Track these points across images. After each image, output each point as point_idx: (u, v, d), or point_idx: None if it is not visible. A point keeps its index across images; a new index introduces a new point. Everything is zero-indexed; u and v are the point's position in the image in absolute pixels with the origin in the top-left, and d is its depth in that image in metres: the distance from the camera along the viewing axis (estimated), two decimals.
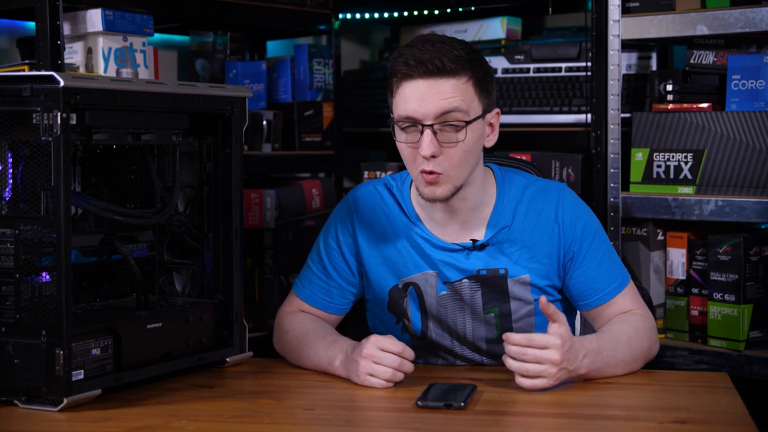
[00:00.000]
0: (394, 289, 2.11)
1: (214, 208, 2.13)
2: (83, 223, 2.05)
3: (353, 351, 1.93)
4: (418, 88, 1.93)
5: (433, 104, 1.92)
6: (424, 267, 2.08)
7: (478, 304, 2.07)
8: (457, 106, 1.92)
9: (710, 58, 2.78)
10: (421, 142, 1.93)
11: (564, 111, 3.00)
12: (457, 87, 1.93)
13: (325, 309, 2.15)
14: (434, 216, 2.07)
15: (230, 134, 2.10)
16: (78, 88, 1.75)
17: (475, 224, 2.06)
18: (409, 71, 1.93)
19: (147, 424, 1.71)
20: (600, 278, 2.06)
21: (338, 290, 2.15)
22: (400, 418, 1.75)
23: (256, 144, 3.07)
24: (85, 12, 2.61)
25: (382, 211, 2.12)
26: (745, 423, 1.67)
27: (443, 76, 1.92)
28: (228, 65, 3.13)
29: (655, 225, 2.83)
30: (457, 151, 1.94)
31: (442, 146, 1.93)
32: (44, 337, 1.75)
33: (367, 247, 2.12)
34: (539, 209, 2.07)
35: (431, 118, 1.92)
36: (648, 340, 2.02)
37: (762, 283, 2.67)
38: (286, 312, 2.17)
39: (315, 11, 3.14)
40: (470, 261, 2.05)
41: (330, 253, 2.15)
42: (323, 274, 2.15)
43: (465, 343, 2.11)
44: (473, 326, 2.09)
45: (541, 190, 2.09)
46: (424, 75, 1.92)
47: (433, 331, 2.11)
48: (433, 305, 2.08)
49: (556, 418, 1.76)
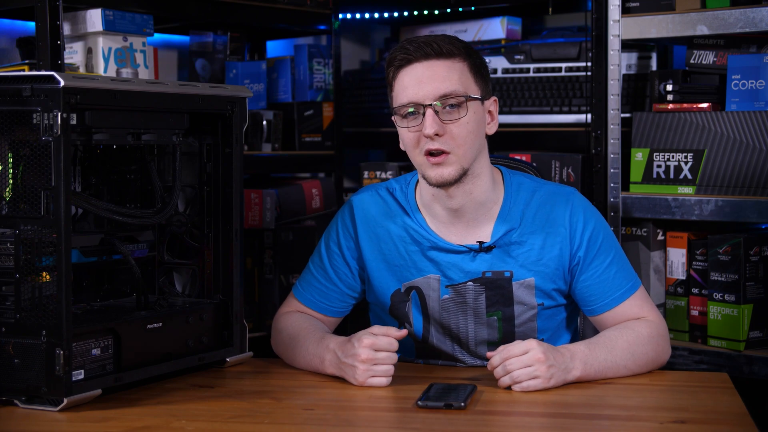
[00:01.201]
0: (396, 294, 2.11)
1: (214, 208, 2.13)
2: (83, 223, 2.05)
3: (344, 353, 1.93)
4: (416, 73, 1.97)
5: (431, 85, 1.96)
6: (426, 271, 2.08)
7: (482, 307, 2.07)
8: (455, 87, 1.96)
9: (710, 58, 2.78)
10: (424, 122, 1.95)
11: (564, 111, 3.00)
12: (453, 68, 1.97)
13: (323, 312, 2.16)
14: (440, 216, 2.07)
15: (230, 134, 2.10)
16: (78, 88, 1.75)
17: (482, 223, 2.06)
18: (406, 56, 1.97)
19: (147, 424, 1.71)
20: (606, 284, 2.05)
21: (337, 294, 2.15)
22: (400, 418, 1.75)
23: (256, 144, 3.07)
24: (85, 12, 2.61)
25: (385, 215, 2.12)
26: (745, 423, 1.67)
27: (439, 58, 1.97)
28: (228, 65, 3.13)
29: (655, 225, 2.83)
30: (460, 129, 1.96)
31: (444, 124, 1.96)
32: (44, 337, 1.75)
33: (369, 251, 2.12)
34: (548, 212, 2.06)
35: (431, 98, 1.95)
36: (654, 348, 2.01)
37: (762, 283, 2.67)
38: (283, 312, 2.17)
39: (315, 11, 3.14)
40: (476, 263, 2.05)
41: (332, 256, 2.15)
42: (324, 277, 2.15)
43: (466, 348, 2.10)
44: (475, 329, 2.08)
45: (552, 193, 2.08)
46: (421, 58, 1.97)
47: (434, 336, 2.10)
48: (436, 309, 2.08)
49: (556, 418, 1.76)
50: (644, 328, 2.01)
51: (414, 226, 2.09)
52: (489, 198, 2.05)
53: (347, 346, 1.93)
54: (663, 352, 2.03)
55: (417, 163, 2.01)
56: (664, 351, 2.03)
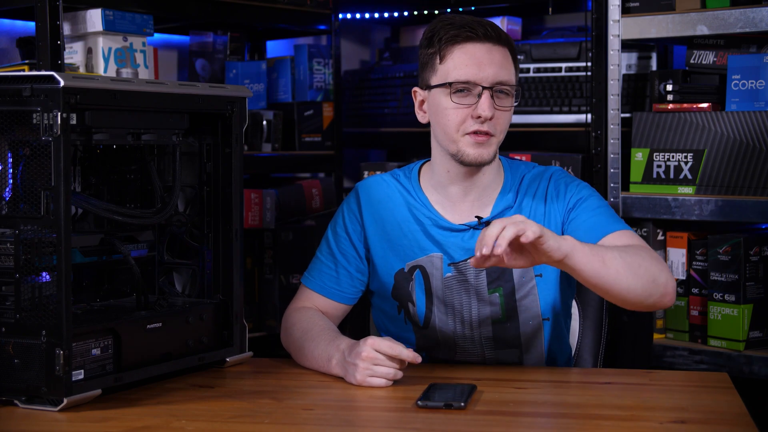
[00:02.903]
0: (400, 273, 2.12)
1: (214, 208, 2.13)
2: (83, 223, 2.05)
3: (350, 352, 1.93)
4: (475, 52, 2.01)
5: (492, 69, 2.00)
6: (429, 249, 2.10)
7: (483, 284, 2.08)
8: (510, 76, 2.03)
9: (710, 58, 2.78)
10: (481, 103, 1.99)
11: (564, 111, 3.00)
12: (506, 56, 2.04)
13: (334, 297, 2.16)
14: (450, 195, 2.10)
15: (230, 134, 2.10)
16: (78, 88, 1.75)
17: (484, 203, 2.10)
18: (465, 33, 2.01)
19: (147, 424, 1.71)
20: (597, 219, 2.02)
21: (347, 277, 2.16)
22: (400, 418, 1.75)
23: (256, 144, 3.07)
24: (85, 12, 2.61)
25: (389, 197, 2.15)
26: (745, 423, 1.67)
27: (497, 43, 2.02)
28: (228, 65, 3.13)
29: (655, 225, 2.83)
30: (506, 116, 2.04)
31: (496, 109, 2.01)
32: (44, 337, 1.75)
33: (374, 232, 2.14)
34: (535, 190, 2.11)
35: (490, 81, 2.00)
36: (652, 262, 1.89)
37: (762, 283, 2.67)
38: (295, 308, 2.18)
39: (315, 11, 3.14)
40: (475, 239, 2.06)
41: (339, 241, 2.17)
42: (332, 262, 2.16)
43: (470, 328, 2.10)
44: (479, 308, 2.09)
45: (537, 174, 2.14)
46: (483, 38, 2.01)
47: (437, 316, 2.11)
48: (439, 287, 2.10)
49: (556, 418, 1.76)
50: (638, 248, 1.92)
51: (417, 205, 2.12)
52: (494, 179, 2.11)
53: (354, 345, 1.94)
54: (662, 270, 1.90)
55: (453, 139, 2.03)
56: (661, 270, 1.90)
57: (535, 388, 1.97)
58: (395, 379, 1.90)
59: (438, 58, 2.04)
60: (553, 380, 2.05)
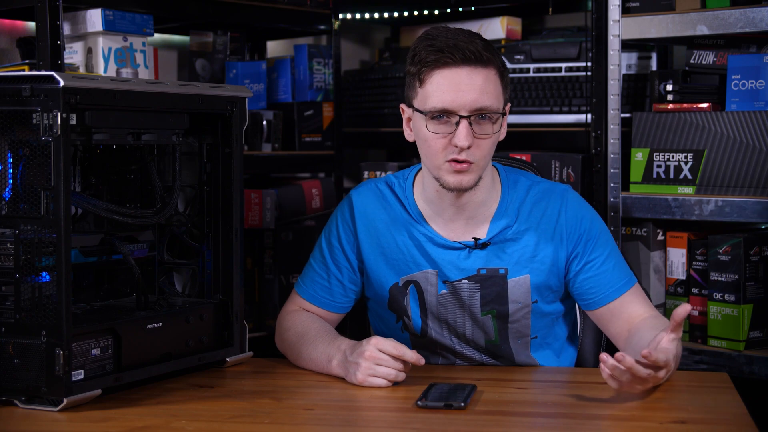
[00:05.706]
0: (395, 287, 2.11)
1: (214, 208, 2.13)
2: (83, 223, 2.05)
3: (353, 352, 1.93)
4: (453, 78, 1.92)
5: (470, 96, 1.92)
6: (424, 265, 2.08)
7: (477, 305, 2.07)
8: (492, 102, 1.94)
9: (710, 58, 2.78)
10: (458, 133, 1.92)
11: (564, 111, 3.00)
12: (489, 78, 1.94)
13: (326, 307, 2.15)
14: (442, 212, 2.07)
15: (230, 134, 2.10)
16: (78, 88, 1.75)
17: (480, 221, 2.06)
18: (444, 58, 1.92)
19: (147, 424, 1.71)
20: (605, 276, 2.05)
21: (340, 288, 2.15)
22: (400, 418, 1.75)
23: (256, 144, 3.07)
24: (85, 12, 2.61)
25: (384, 208, 2.13)
26: (745, 423, 1.67)
27: (478, 65, 1.92)
28: (228, 65, 3.13)
29: (655, 225, 2.83)
30: (488, 142, 1.96)
31: (476, 137, 1.94)
32: (44, 337, 1.75)
33: (368, 244, 2.12)
34: (543, 210, 2.07)
35: (467, 110, 1.92)
36: None
37: (762, 283, 2.67)
38: (288, 311, 2.17)
39: (315, 11, 3.14)
40: (471, 260, 2.05)
41: (332, 251, 2.15)
42: (325, 272, 2.15)
43: (465, 341, 2.11)
44: (472, 328, 2.09)
45: (546, 191, 2.09)
46: (461, 63, 1.92)
47: (433, 329, 2.11)
48: (433, 303, 2.09)
49: (556, 418, 1.76)
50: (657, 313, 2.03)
51: (412, 222, 2.09)
52: (489, 196, 2.06)
53: (357, 345, 1.93)
54: None
55: (434, 165, 1.98)
56: None
57: (535, 388, 1.97)
58: (396, 380, 1.90)
59: (418, 81, 1.97)
60: (553, 380, 2.05)
